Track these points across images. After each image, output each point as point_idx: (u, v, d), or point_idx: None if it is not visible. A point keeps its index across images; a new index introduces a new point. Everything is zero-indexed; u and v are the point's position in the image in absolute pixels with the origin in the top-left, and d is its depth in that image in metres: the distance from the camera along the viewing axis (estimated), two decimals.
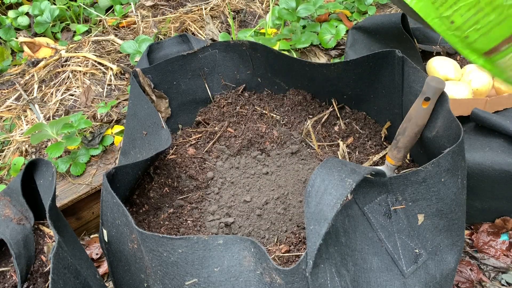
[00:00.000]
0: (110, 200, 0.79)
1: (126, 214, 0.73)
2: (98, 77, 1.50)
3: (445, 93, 0.82)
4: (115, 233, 0.82)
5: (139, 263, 0.76)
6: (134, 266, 0.78)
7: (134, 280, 0.81)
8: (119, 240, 0.81)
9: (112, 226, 0.82)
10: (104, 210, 0.85)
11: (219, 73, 1.23)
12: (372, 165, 1.05)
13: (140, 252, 0.74)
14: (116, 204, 0.76)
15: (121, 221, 0.77)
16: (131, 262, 0.79)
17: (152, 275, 0.72)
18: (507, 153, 1.00)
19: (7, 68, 1.63)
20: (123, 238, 0.79)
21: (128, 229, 0.76)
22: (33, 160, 0.86)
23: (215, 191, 1.05)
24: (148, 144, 1.04)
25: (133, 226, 0.70)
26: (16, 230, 0.81)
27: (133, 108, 1.05)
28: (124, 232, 0.78)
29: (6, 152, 1.30)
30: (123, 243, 0.79)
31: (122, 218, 0.77)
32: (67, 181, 1.18)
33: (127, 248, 0.79)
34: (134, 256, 0.77)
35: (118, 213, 0.77)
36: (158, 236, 0.66)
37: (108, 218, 0.83)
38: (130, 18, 1.76)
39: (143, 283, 0.78)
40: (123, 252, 0.81)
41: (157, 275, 0.69)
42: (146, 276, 0.75)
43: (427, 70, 1.33)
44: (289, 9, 1.54)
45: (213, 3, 1.82)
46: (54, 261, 0.65)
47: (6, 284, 0.81)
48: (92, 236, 1.25)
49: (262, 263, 0.63)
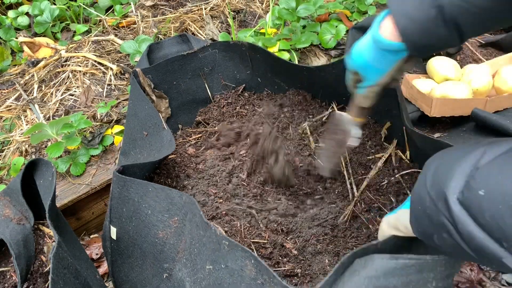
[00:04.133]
0: (138, 192, 0.81)
1: (172, 197, 0.77)
2: (98, 77, 1.50)
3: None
4: (132, 228, 0.83)
5: (166, 252, 0.78)
6: (155, 258, 0.80)
7: (146, 275, 0.82)
8: (139, 234, 0.82)
9: (128, 220, 0.83)
10: (117, 206, 0.85)
11: (219, 73, 1.23)
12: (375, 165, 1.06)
13: (177, 237, 0.76)
14: (156, 189, 0.79)
15: (153, 210, 0.80)
16: (151, 254, 0.80)
17: (183, 258, 0.74)
18: None
19: (7, 68, 1.63)
20: (147, 230, 0.81)
21: (168, 214, 0.78)
22: (33, 160, 0.86)
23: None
24: (149, 145, 1.04)
25: (181, 207, 0.75)
26: (16, 230, 0.81)
27: (133, 108, 1.05)
28: (151, 223, 0.80)
29: (6, 152, 1.30)
30: (145, 236, 0.81)
31: (156, 205, 0.79)
32: (67, 181, 1.18)
33: (150, 240, 0.80)
34: (160, 246, 0.79)
35: (151, 202, 0.80)
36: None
37: (124, 213, 0.84)
38: (130, 18, 1.76)
39: (161, 275, 0.79)
40: (141, 246, 0.82)
41: (191, 255, 0.73)
42: (172, 264, 0.77)
43: (427, 70, 1.33)
44: (289, 9, 1.54)
45: (213, 3, 1.82)
46: (54, 261, 0.65)
47: (6, 284, 0.81)
48: (92, 236, 1.25)
49: (263, 275, 0.64)
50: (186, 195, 0.77)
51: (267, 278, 0.64)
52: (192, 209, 0.75)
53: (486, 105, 1.17)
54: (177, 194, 0.78)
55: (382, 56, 0.70)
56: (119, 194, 0.84)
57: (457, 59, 1.46)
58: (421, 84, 1.27)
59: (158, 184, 0.81)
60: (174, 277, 0.77)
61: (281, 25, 1.60)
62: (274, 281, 0.62)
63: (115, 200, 0.85)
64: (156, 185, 0.81)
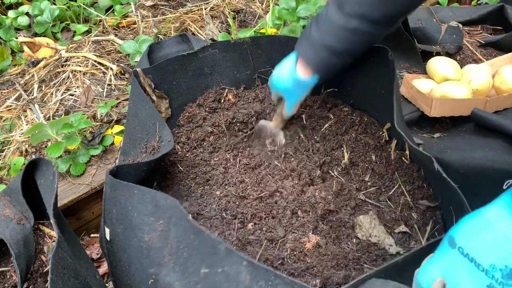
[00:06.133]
0: (124, 194, 0.80)
1: (157, 200, 0.76)
2: (98, 77, 1.50)
3: None
4: (120, 231, 0.82)
5: (152, 256, 0.77)
6: (140, 263, 0.79)
7: (134, 280, 0.81)
8: (126, 237, 0.81)
9: (118, 223, 0.82)
10: (108, 207, 0.84)
11: (219, 73, 1.23)
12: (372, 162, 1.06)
13: (162, 241, 0.76)
14: (142, 192, 0.78)
15: (139, 213, 0.78)
16: (137, 259, 0.79)
17: (171, 262, 0.74)
18: (507, 153, 1.00)
19: (7, 68, 1.63)
20: (133, 233, 0.80)
21: (153, 217, 0.77)
22: (33, 159, 0.86)
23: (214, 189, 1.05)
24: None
25: (166, 210, 0.74)
26: (16, 230, 0.81)
27: (133, 108, 1.05)
28: (137, 226, 0.79)
29: (6, 152, 1.30)
30: (131, 240, 0.80)
31: (142, 208, 0.78)
32: (67, 181, 1.18)
33: (136, 244, 0.79)
34: (146, 250, 0.78)
35: (137, 204, 0.79)
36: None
37: (114, 215, 0.83)
38: (130, 18, 1.76)
39: (147, 281, 0.78)
40: (127, 250, 0.81)
41: (180, 260, 0.73)
42: (158, 268, 0.76)
43: (427, 70, 1.33)
44: (289, 9, 1.54)
45: (213, 3, 1.83)
46: (53, 261, 0.65)
47: (6, 284, 0.81)
48: (92, 236, 1.25)
49: (258, 281, 0.64)
50: (171, 198, 0.75)
51: (263, 284, 0.63)
52: (176, 213, 0.74)
53: (486, 105, 1.17)
54: (162, 196, 0.76)
55: (300, 87, 1.00)
56: (109, 195, 0.84)
57: (457, 59, 1.46)
58: (421, 84, 1.27)
59: (143, 187, 0.79)
60: (161, 282, 0.75)
61: (281, 25, 1.60)
62: (274, 284, 0.62)
63: (107, 201, 0.85)
64: (141, 187, 0.78)
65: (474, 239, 0.52)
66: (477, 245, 0.52)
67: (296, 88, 1.00)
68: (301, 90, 1.01)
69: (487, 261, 0.50)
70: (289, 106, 1.06)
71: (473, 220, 0.54)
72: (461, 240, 0.54)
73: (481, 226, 0.53)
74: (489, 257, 0.51)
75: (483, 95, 1.22)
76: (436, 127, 1.22)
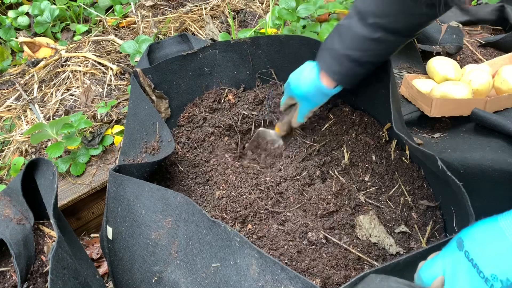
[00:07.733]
0: (133, 191, 0.80)
1: (167, 197, 0.76)
2: (98, 77, 1.50)
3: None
4: (125, 229, 0.82)
5: (158, 254, 0.78)
6: (144, 261, 0.79)
7: (134, 280, 0.81)
8: (131, 235, 0.81)
9: (122, 220, 0.82)
10: (112, 205, 0.84)
11: (219, 73, 1.23)
12: None
13: (169, 238, 0.76)
14: (152, 189, 0.79)
15: (147, 210, 0.79)
16: (141, 256, 0.80)
17: (177, 259, 0.74)
18: (507, 153, 1.00)
19: (7, 68, 1.63)
20: (140, 230, 0.80)
21: (162, 215, 0.77)
22: (33, 159, 0.86)
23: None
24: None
25: (175, 208, 0.75)
26: (16, 230, 0.81)
27: (133, 109, 1.05)
28: (145, 223, 0.79)
29: (6, 152, 1.30)
30: (137, 237, 0.80)
31: (151, 205, 0.78)
32: (67, 181, 1.18)
33: (141, 241, 0.79)
34: (152, 247, 0.78)
35: (146, 202, 0.79)
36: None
37: (118, 213, 0.83)
38: (130, 18, 1.76)
39: (150, 279, 0.78)
40: (130, 248, 0.81)
41: (188, 256, 0.73)
42: (163, 266, 0.76)
43: (427, 70, 1.33)
44: (289, 9, 1.54)
45: (213, 3, 1.83)
46: (53, 261, 0.65)
47: (6, 284, 0.81)
48: (92, 236, 1.25)
49: (266, 275, 0.64)
50: (181, 195, 0.76)
51: (269, 278, 0.63)
52: (188, 209, 0.75)
53: (486, 105, 1.17)
54: (172, 194, 0.77)
55: (321, 95, 1.01)
56: (115, 193, 0.84)
57: (457, 59, 1.46)
58: (421, 84, 1.27)
59: (154, 184, 0.80)
60: (165, 280, 0.75)
61: (281, 25, 1.60)
62: (279, 278, 0.62)
63: (111, 200, 0.85)
64: (152, 185, 0.80)
65: (482, 247, 0.54)
66: (484, 253, 0.53)
67: (317, 94, 1.00)
68: (322, 97, 1.01)
69: (489, 270, 0.52)
70: (301, 113, 1.06)
71: (486, 226, 0.55)
72: (469, 244, 0.55)
73: (493, 235, 0.54)
74: (492, 266, 0.52)
75: (483, 95, 1.22)
76: (436, 127, 1.22)
